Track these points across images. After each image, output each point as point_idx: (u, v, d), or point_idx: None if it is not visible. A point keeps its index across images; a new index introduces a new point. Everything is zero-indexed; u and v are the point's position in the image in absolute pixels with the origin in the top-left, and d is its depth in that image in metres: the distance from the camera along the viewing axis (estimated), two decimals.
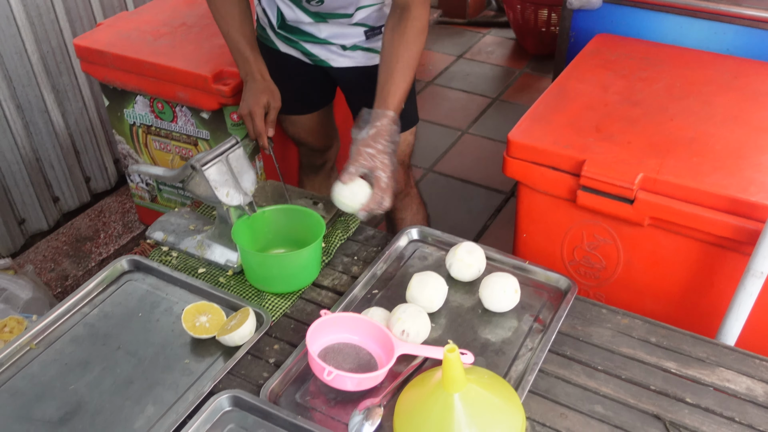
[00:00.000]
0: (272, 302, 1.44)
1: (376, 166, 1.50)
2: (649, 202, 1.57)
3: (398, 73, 1.61)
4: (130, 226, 2.91)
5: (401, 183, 2.11)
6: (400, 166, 2.07)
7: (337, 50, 1.87)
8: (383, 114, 1.56)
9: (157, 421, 1.20)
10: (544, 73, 4.09)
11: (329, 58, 1.90)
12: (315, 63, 1.93)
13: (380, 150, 1.51)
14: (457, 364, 1.10)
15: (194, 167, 1.42)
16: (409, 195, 2.15)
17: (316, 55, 1.90)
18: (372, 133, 1.53)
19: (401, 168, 2.08)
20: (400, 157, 2.05)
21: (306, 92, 2.03)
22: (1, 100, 2.52)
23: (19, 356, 1.34)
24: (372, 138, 1.52)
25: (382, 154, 1.51)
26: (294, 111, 2.05)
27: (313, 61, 1.93)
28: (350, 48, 1.86)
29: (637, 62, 2.03)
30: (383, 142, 1.53)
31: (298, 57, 1.94)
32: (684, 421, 1.18)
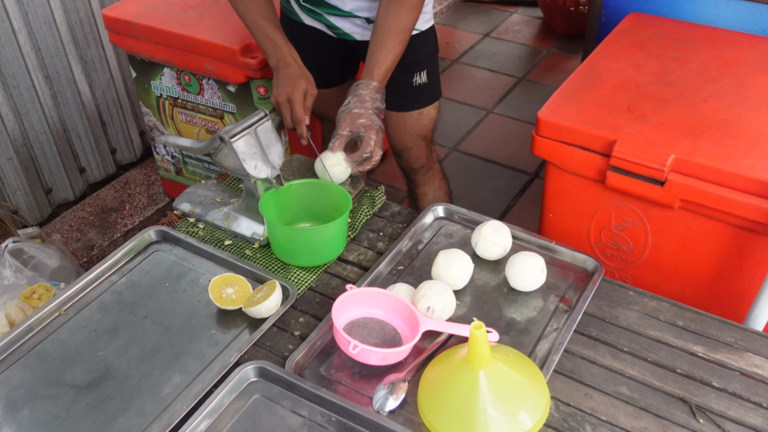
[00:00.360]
0: (298, 276, 1.44)
1: (362, 127, 1.57)
2: (680, 184, 1.55)
3: (387, 45, 1.64)
4: (154, 198, 2.93)
5: (423, 158, 2.10)
6: (422, 141, 2.06)
7: (362, 23, 1.86)
8: (366, 84, 1.62)
9: (184, 389, 1.21)
10: (572, 54, 4.04)
11: (353, 31, 1.89)
12: (339, 36, 1.92)
13: (363, 114, 1.57)
14: (483, 341, 1.10)
15: (223, 139, 1.42)
16: (432, 170, 2.15)
17: (340, 29, 1.89)
18: (354, 100, 1.60)
19: (423, 143, 2.07)
20: (422, 131, 2.04)
21: (329, 66, 2.02)
22: (30, 69, 2.54)
23: (48, 321, 1.36)
24: (354, 105, 1.60)
25: (365, 117, 1.57)
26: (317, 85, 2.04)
27: (337, 34, 1.91)
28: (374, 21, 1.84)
29: (670, 42, 2.00)
30: (365, 107, 1.59)
31: (322, 30, 1.92)
32: (710, 405, 1.17)
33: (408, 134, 2.03)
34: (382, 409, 1.16)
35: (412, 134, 2.03)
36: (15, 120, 2.54)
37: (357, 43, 1.92)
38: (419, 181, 2.15)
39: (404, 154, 2.10)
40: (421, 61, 1.92)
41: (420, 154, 2.09)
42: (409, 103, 1.98)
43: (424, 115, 2.01)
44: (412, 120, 2.01)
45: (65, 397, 1.21)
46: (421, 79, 1.94)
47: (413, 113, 2.00)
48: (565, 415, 1.16)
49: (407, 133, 2.03)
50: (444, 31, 4.29)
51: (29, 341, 1.32)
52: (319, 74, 1.91)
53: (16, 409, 1.19)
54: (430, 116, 2.04)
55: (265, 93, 2.22)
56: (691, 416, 1.15)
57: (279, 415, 1.16)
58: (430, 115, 2.04)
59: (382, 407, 1.16)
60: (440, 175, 2.19)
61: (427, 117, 2.03)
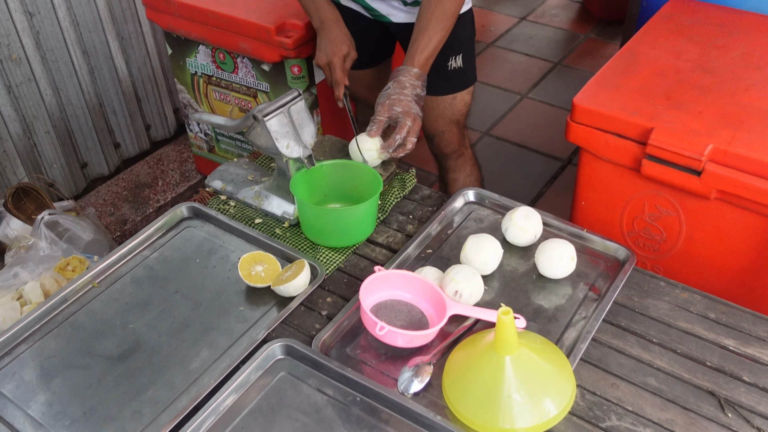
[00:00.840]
0: (326, 256, 1.45)
1: (400, 113, 1.55)
2: (717, 174, 1.52)
3: (429, 31, 1.62)
4: (187, 175, 2.96)
5: (455, 143, 2.08)
6: (454, 126, 2.04)
7: (398, 5, 1.84)
8: (407, 70, 1.61)
9: (212, 364, 1.23)
10: (610, 39, 3.96)
11: (390, 13, 1.87)
12: (375, 18, 1.90)
13: (402, 100, 1.56)
14: (510, 327, 1.09)
15: (256, 117, 1.43)
16: (463, 156, 2.13)
17: (376, 10, 1.88)
18: (394, 86, 1.59)
19: (456, 128, 2.05)
20: (455, 116, 2.02)
21: (364, 47, 2.00)
22: (69, 44, 2.57)
23: (82, 293, 1.38)
24: (393, 91, 1.58)
25: (404, 104, 1.56)
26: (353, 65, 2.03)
27: (374, 15, 1.90)
28: (411, 3, 1.83)
29: (713, 29, 1.95)
30: (405, 94, 1.57)
31: (358, 10, 1.92)
32: (740, 399, 1.15)
33: (441, 119, 2.02)
34: (406, 391, 1.16)
35: (445, 119, 2.02)
36: (53, 94, 2.58)
37: (393, 25, 1.90)
38: (450, 167, 2.14)
39: (436, 139, 2.08)
40: (456, 45, 1.90)
41: (452, 140, 2.07)
42: (442, 87, 1.96)
43: (457, 100, 2.00)
44: (445, 104, 1.99)
45: (96, 368, 1.23)
46: (456, 64, 1.92)
47: (447, 98, 1.98)
48: (590, 403, 1.15)
49: (440, 117, 2.01)
50: (480, 14, 4.24)
51: (63, 312, 1.35)
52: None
53: (50, 377, 1.22)
54: (464, 101, 2.02)
55: (299, 72, 2.22)
56: (719, 410, 1.14)
57: (304, 393, 1.17)
58: (464, 100, 2.02)
59: (407, 389, 1.16)
60: (472, 161, 2.17)
61: (461, 102, 2.01)
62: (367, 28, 1.95)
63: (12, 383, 1.22)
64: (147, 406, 1.16)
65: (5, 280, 1.76)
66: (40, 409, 1.17)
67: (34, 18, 2.44)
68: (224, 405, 1.15)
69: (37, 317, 1.33)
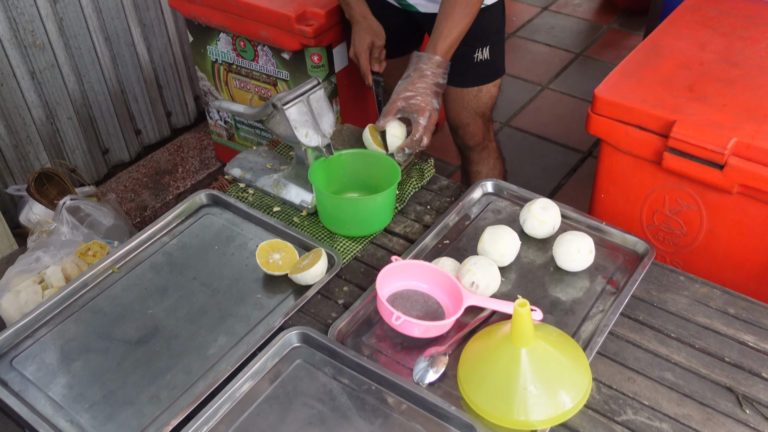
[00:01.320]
0: (344, 245, 1.45)
1: (415, 109, 1.53)
2: (740, 168, 1.50)
3: (453, 18, 1.59)
4: (206, 162, 2.98)
5: (479, 136, 2.07)
6: (479, 119, 2.03)
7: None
8: (429, 57, 1.58)
9: (229, 350, 1.24)
10: (634, 30, 3.91)
11: (417, 2, 1.86)
12: (403, 7, 1.89)
13: (420, 92, 1.54)
14: (527, 319, 1.09)
15: (275, 106, 1.43)
16: (487, 149, 2.11)
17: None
18: (413, 75, 1.56)
19: (480, 120, 2.03)
20: (480, 109, 2.00)
21: (391, 36, 1.98)
22: (92, 31, 2.59)
23: (102, 278, 1.40)
24: (412, 80, 1.56)
25: (422, 96, 1.53)
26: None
27: (402, 5, 1.89)
28: None
29: (739, 20, 1.92)
30: (425, 84, 1.55)
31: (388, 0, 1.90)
32: (758, 396, 1.14)
33: (465, 111, 2.00)
34: (421, 380, 1.16)
35: (469, 111, 2.00)
36: (76, 80, 2.61)
37: (420, 15, 1.89)
38: (473, 159, 2.12)
39: (460, 131, 2.06)
40: (484, 37, 1.88)
41: (476, 132, 2.05)
42: (468, 78, 1.94)
43: (483, 93, 1.97)
44: (470, 96, 1.97)
45: (116, 352, 1.25)
46: (482, 56, 1.90)
47: (472, 90, 1.96)
48: (606, 397, 1.15)
49: (465, 109, 2.00)
50: None
51: (83, 296, 1.36)
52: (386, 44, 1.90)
53: (70, 360, 1.24)
54: (490, 94, 1.99)
55: (319, 61, 2.22)
56: (737, 406, 1.13)
57: (320, 381, 1.17)
58: (490, 93, 1.99)
59: (422, 379, 1.16)
60: (496, 154, 2.15)
61: (487, 95, 1.98)
62: (396, 18, 1.94)
63: (33, 365, 1.24)
64: (165, 391, 1.17)
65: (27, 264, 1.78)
66: (61, 391, 1.19)
67: (57, 4, 2.46)
68: (240, 391, 1.16)
69: (58, 301, 1.34)
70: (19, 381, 1.21)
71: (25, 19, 2.37)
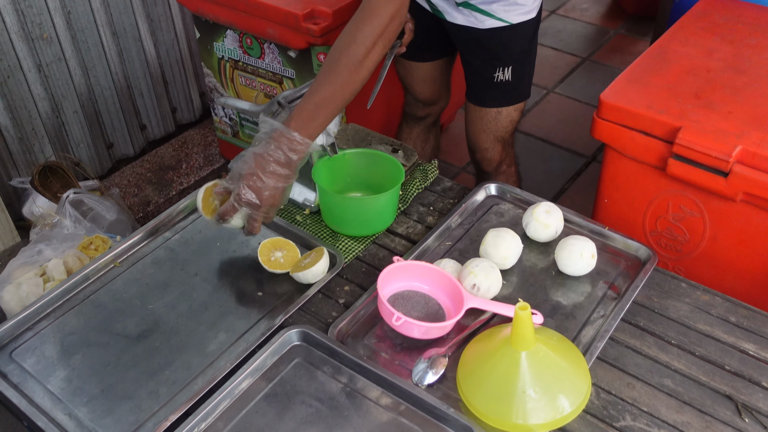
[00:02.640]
0: (346, 244, 1.45)
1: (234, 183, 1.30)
2: (745, 176, 1.49)
3: (313, 83, 1.34)
4: (210, 159, 2.98)
5: (496, 161, 2.00)
6: (498, 144, 1.96)
7: (452, 5, 1.78)
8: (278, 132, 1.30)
9: (229, 347, 1.24)
10: (641, 35, 3.91)
11: (445, 10, 1.81)
12: (434, 12, 1.84)
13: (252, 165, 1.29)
14: (527, 323, 1.09)
15: (281, 104, 1.43)
16: (505, 174, 2.04)
17: (435, 5, 1.82)
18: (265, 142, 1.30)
19: (499, 145, 1.97)
20: (499, 132, 1.94)
21: (423, 39, 1.91)
22: (99, 25, 2.60)
23: (103, 272, 1.40)
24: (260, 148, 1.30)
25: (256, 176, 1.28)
26: (408, 56, 1.95)
27: (432, 10, 1.84)
28: (461, 4, 1.76)
29: (747, 27, 1.91)
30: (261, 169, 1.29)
31: (420, 2, 1.86)
32: (758, 404, 1.14)
33: (484, 133, 1.94)
34: (421, 382, 1.16)
35: (488, 134, 1.93)
36: (82, 74, 2.61)
37: (448, 24, 1.84)
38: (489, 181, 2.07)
39: (478, 155, 2.01)
40: (505, 57, 1.80)
41: (493, 158, 1.98)
42: (487, 99, 1.87)
43: (503, 116, 1.90)
44: (489, 117, 1.91)
45: (115, 346, 1.25)
46: (503, 76, 1.83)
47: (491, 111, 1.90)
48: (605, 402, 1.15)
49: (483, 131, 1.94)
50: None
51: (85, 290, 1.37)
52: (413, 45, 1.84)
53: (70, 354, 1.24)
54: (510, 118, 1.91)
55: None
56: (736, 414, 1.13)
57: (319, 380, 1.17)
58: (510, 117, 1.91)
59: (421, 380, 1.16)
60: (513, 178, 2.07)
61: (507, 118, 1.91)
62: (427, 23, 1.88)
63: (33, 358, 1.24)
64: (164, 386, 1.18)
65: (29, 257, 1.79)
66: (59, 384, 1.19)
67: None
68: (239, 388, 1.16)
69: (59, 294, 1.34)
70: (19, 373, 1.21)
71: (33, 12, 2.38)
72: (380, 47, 1.33)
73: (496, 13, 1.74)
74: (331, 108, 1.31)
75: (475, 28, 1.78)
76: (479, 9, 1.75)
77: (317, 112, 1.31)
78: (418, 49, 1.92)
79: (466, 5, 1.76)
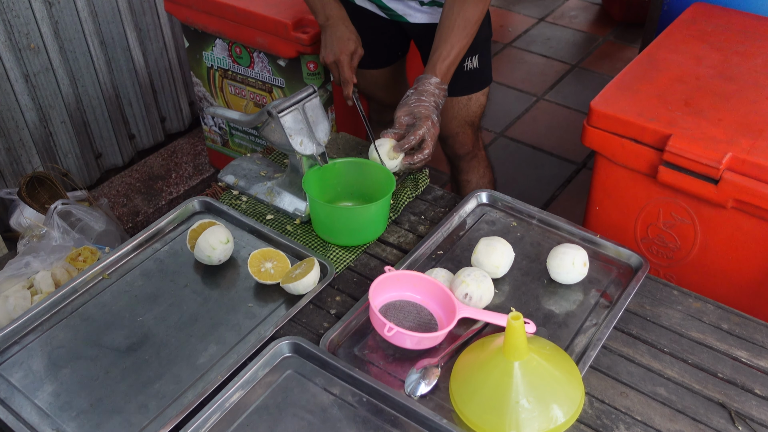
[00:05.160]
0: (337, 254, 1.44)
1: (418, 117, 1.53)
2: (735, 183, 1.50)
3: (451, 39, 1.60)
4: (200, 168, 2.97)
5: (469, 145, 2.06)
6: (468, 128, 2.02)
7: (415, 5, 1.83)
8: (427, 79, 1.58)
9: (219, 359, 1.22)
10: (629, 42, 3.93)
11: (406, 13, 1.86)
12: (391, 18, 1.89)
13: (423, 105, 1.54)
14: (520, 332, 1.08)
15: (271, 113, 1.42)
16: (477, 157, 2.11)
17: (393, 10, 1.86)
18: (413, 94, 1.56)
19: (470, 129, 2.03)
20: (470, 118, 2.00)
21: (379, 46, 1.99)
22: (87, 35, 2.58)
23: (92, 284, 1.39)
24: (412, 98, 1.55)
25: (423, 108, 1.54)
26: (365, 65, 2.00)
27: (390, 15, 1.88)
28: (428, 3, 1.81)
29: (735, 35, 1.92)
30: (425, 100, 1.55)
31: (374, 11, 1.90)
32: (751, 412, 1.14)
33: (455, 120, 2.00)
34: (413, 393, 1.15)
35: (459, 120, 2.00)
36: (70, 84, 2.59)
37: (409, 26, 1.89)
38: (463, 168, 2.12)
39: (450, 141, 2.06)
40: (474, 46, 1.86)
41: (466, 141, 2.05)
42: (458, 88, 1.92)
43: (473, 102, 1.97)
44: (460, 105, 1.97)
45: (104, 360, 1.23)
46: (472, 64, 1.90)
47: (462, 99, 1.96)
48: (599, 412, 1.14)
49: (454, 118, 2.00)
50: (498, 14, 4.21)
51: (73, 302, 1.35)
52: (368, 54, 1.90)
53: (58, 367, 1.22)
54: (479, 102, 2.00)
55: (315, 69, 2.22)
56: (729, 422, 1.12)
57: (310, 392, 1.16)
58: (479, 102, 1.99)
59: (414, 391, 1.15)
60: (485, 162, 2.15)
61: (476, 103, 1.99)
62: (383, 29, 1.94)
63: (20, 372, 1.22)
64: (153, 400, 1.16)
65: (17, 269, 1.77)
66: (47, 399, 1.17)
67: (53, 7, 2.45)
68: (230, 401, 1.14)
69: (46, 307, 1.33)
70: (5, 388, 1.19)
71: (20, 21, 2.36)
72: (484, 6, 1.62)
73: None
74: (461, 56, 1.63)
75: None
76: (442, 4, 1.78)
77: (457, 61, 1.62)
78: (374, 56, 1.94)
79: (432, 3, 1.81)
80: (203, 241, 1.38)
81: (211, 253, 1.38)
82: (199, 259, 1.40)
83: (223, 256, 1.40)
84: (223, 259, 1.41)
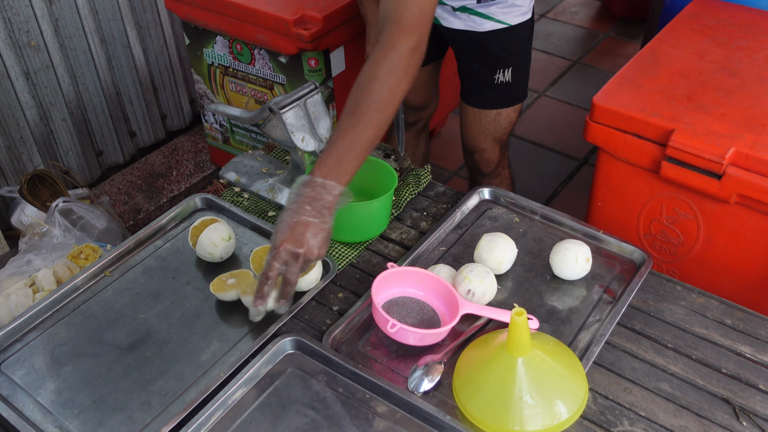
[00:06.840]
0: (339, 251, 1.44)
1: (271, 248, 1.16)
2: (738, 178, 1.49)
3: (341, 122, 1.23)
4: (201, 165, 2.96)
5: (494, 163, 2.00)
6: (496, 144, 1.96)
7: (449, 11, 1.79)
8: (308, 181, 1.19)
9: (222, 356, 1.22)
10: (630, 38, 3.92)
11: (441, 16, 1.81)
12: None
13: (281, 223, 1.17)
14: (523, 328, 1.08)
15: (272, 110, 1.42)
16: (500, 176, 2.05)
17: None
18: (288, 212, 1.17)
19: (497, 146, 1.97)
20: (498, 134, 1.94)
21: None
22: (87, 32, 2.58)
23: (94, 282, 1.38)
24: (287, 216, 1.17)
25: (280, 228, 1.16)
26: None
27: None
28: (459, 9, 1.77)
29: (737, 30, 1.92)
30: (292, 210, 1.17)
31: None
32: (755, 407, 1.13)
33: (482, 135, 1.94)
34: (416, 389, 1.15)
35: (486, 135, 1.93)
36: (70, 82, 2.59)
37: (444, 29, 1.85)
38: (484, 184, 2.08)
39: (475, 156, 2.00)
40: (505, 58, 1.81)
41: (492, 159, 1.98)
42: (486, 100, 1.87)
43: (502, 117, 1.90)
44: (488, 119, 1.91)
45: (107, 357, 1.23)
46: (504, 78, 1.83)
47: (490, 112, 1.90)
48: (602, 407, 1.14)
49: (482, 133, 1.94)
50: None
51: (75, 300, 1.35)
52: None
53: (60, 364, 1.22)
54: (509, 119, 1.92)
55: (316, 65, 2.21)
56: (733, 418, 1.12)
57: (314, 389, 1.16)
58: (509, 118, 1.91)
59: (417, 388, 1.15)
60: (508, 181, 2.08)
61: (506, 119, 1.91)
62: None
63: (22, 370, 1.22)
64: (156, 397, 1.16)
65: (18, 267, 1.77)
66: (50, 396, 1.17)
67: (53, 5, 2.44)
68: (233, 398, 1.14)
69: (48, 305, 1.33)
70: (8, 385, 1.19)
71: (20, 19, 2.36)
72: (405, 84, 1.22)
73: (494, 15, 1.75)
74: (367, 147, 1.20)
75: (474, 31, 1.78)
76: (477, 12, 1.75)
77: (357, 153, 1.20)
78: None
79: (463, 9, 1.76)
80: (205, 238, 1.37)
81: (213, 250, 1.38)
82: (201, 256, 1.40)
83: (225, 253, 1.40)
84: (225, 256, 1.40)
